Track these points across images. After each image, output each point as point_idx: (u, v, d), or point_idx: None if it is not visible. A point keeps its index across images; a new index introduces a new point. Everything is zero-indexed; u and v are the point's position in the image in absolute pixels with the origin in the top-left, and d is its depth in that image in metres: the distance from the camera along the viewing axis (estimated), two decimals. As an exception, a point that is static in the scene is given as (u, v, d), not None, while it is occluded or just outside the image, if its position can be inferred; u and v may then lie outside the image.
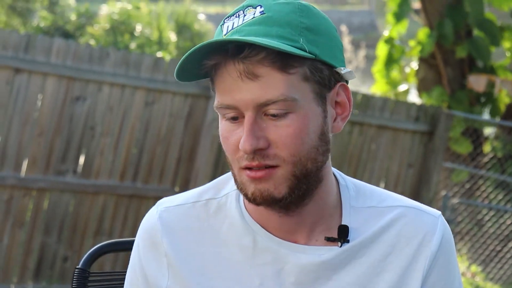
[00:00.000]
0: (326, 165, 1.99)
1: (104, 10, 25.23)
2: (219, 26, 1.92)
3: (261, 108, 1.86)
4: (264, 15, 1.87)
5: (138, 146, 8.01)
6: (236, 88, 1.86)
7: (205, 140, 8.23)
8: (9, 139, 7.42)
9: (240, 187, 1.94)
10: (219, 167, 8.32)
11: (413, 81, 13.07)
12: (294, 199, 1.93)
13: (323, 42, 1.90)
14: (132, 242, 2.20)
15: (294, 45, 1.82)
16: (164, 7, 24.75)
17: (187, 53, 1.84)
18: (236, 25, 1.87)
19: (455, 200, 10.98)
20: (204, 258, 2.07)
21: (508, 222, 11.50)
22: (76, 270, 2.47)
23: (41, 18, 24.97)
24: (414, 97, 12.65)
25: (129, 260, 2.41)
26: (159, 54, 15.86)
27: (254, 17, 1.87)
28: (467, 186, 11.58)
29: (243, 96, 1.86)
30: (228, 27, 1.88)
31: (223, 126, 1.92)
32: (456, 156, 11.60)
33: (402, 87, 13.17)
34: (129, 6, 23.90)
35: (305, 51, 1.83)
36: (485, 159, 12.06)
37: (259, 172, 1.89)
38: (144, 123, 8.03)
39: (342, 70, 1.93)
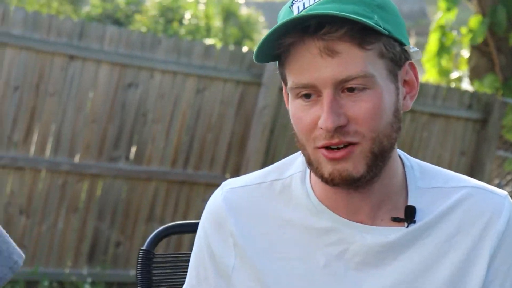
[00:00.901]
0: (395, 143, 2.00)
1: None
2: (287, 8, 1.93)
3: (339, 85, 1.87)
4: None
5: (189, 133, 8.08)
6: (315, 66, 1.87)
7: (256, 128, 8.24)
8: (63, 125, 7.54)
9: (316, 168, 1.96)
10: (269, 154, 8.35)
11: (464, 68, 13.02)
12: (371, 177, 1.96)
13: (393, 19, 1.94)
14: (196, 225, 2.26)
15: (373, 21, 1.85)
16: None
17: (268, 32, 1.86)
18: (308, 5, 1.87)
19: (508, 189, 10.83)
20: (269, 238, 2.11)
21: None
22: (141, 251, 2.56)
23: (92, 5, 25.01)
24: (465, 85, 12.56)
25: (182, 243, 2.51)
26: (207, 41, 15.83)
27: None
28: (521, 174, 11.54)
29: (322, 73, 1.86)
30: (299, 7, 1.88)
31: (296, 105, 1.94)
32: (509, 144, 11.54)
33: (454, 75, 13.12)
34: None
35: (381, 26, 1.86)
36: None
37: (338, 152, 1.90)
38: (195, 110, 8.09)
39: (411, 49, 1.98)
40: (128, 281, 7.79)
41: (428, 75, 13.24)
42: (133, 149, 7.96)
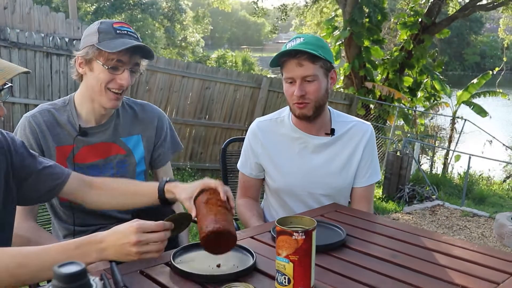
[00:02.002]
0: (326, 103, 2.03)
1: (214, 54, 25.27)
2: (285, 45, 1.93)
3: (303, 79, 1.91)
4: (305, 41, 1.90)
5: (230, 108, 7.97)
6: (294, 70, 1.91)
7: (258, 106, 8.14)
8: (179, 104, 7.45)
9: (293, 111, 2.02)
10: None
11: (341, 83, 12.94)
12: (315, 116, 2.01)
13: (328, 52, 1.94)
14: (243, 139, 2.25)
15: (318, 53, 1.88)
16: (238, 53, 24.68)
17: (275, 55, 1.93)
18: (293, 44, 1.90)
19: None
20: (275, 142, 2.11)
21: (381, 142, 11.49)
22: (222, 148, 2.54)
23: (189, 56, 24.93)
24: (341, 90, 12.47)
25: (230, 148, 2.52)
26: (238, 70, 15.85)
27: (300, 42, 1.90)
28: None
29: (296, 74, 1.91)
30: (288, 45, 1.91)
31: (286, 86, 1.97)
32: (359, 115, 11.53)
33: (337, 86, 13.05)
34: (223, 52, 24.07)
35: (322, 55, 1.89)
36: (371, 117, 11.99)
37: (302, 105, 1.95)
38: (233, 99, 7.97)
39: (334, 65, 2.00)
40: (206, 168, 7.80)
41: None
42: (208, 114, 7.83)
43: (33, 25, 6.39)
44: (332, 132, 2.07)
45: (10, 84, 1.29)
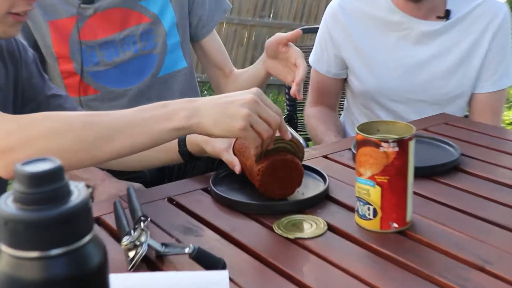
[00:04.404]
0: None
1: None
2: None
3: None
4: None
5: (303, 2, 7.64)
6: None
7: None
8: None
9: None
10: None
11: None
12: None
13: None
14: (317, 29, 2.17)
15: None
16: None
17: None
18: None
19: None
20: (364, 27, 2.02)
21: None
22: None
23: None
24: None
25: None
26: None
27: None
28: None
29: None
30: None
31: None
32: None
33: None
34: None
35: None
36: None
37: None
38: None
39: None
40: (271, 83, 7.70)
41: None
42: (272, 11, 7.67)
43: None
44: (447, 14, 1.96)
45: None
